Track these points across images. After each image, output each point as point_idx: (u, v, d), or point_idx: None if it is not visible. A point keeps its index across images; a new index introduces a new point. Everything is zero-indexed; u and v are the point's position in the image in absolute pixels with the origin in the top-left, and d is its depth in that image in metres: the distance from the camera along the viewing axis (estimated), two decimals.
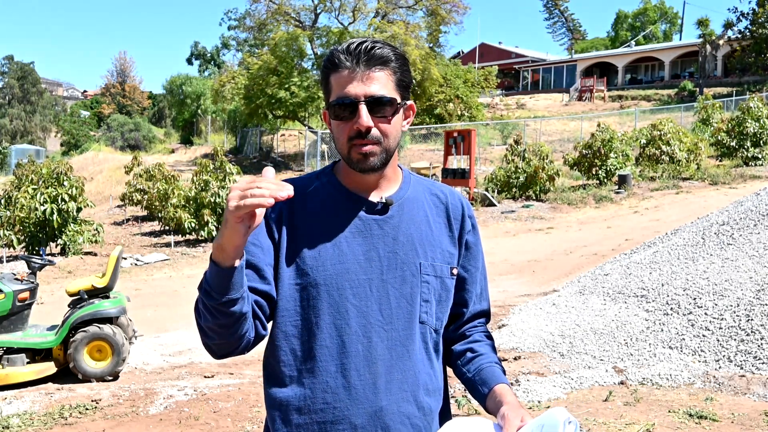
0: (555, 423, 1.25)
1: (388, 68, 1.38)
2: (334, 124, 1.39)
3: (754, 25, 37.69)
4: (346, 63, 1.36)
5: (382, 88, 1.36)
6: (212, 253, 1.24)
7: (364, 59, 1.36)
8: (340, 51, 1.38)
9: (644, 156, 20.28)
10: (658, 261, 7.66)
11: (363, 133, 1.35)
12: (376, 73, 1.37)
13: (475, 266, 1.55)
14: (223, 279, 1.23)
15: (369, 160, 1.37)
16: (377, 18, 29.91)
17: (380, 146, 1.38)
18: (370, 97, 1.35)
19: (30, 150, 34.81)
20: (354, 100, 1.35)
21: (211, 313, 1.27)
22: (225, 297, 1.24)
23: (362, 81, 1.35)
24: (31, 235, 13.50)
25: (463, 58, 49.02)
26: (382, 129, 1.37)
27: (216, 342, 1.34)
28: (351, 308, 1.38)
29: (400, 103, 1.41)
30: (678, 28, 63.22)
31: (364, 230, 1.41)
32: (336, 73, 1.38)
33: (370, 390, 1.37)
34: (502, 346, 6.31)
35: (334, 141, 1.42)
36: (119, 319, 5.93)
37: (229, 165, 15.46)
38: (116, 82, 69.89)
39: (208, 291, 1.25)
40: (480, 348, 1.54)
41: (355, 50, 1.36)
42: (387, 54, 1.38)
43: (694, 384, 4.96)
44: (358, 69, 1.36)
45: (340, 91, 1.37)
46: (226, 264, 1.22)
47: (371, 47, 1.36)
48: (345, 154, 1.40)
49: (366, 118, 1.35)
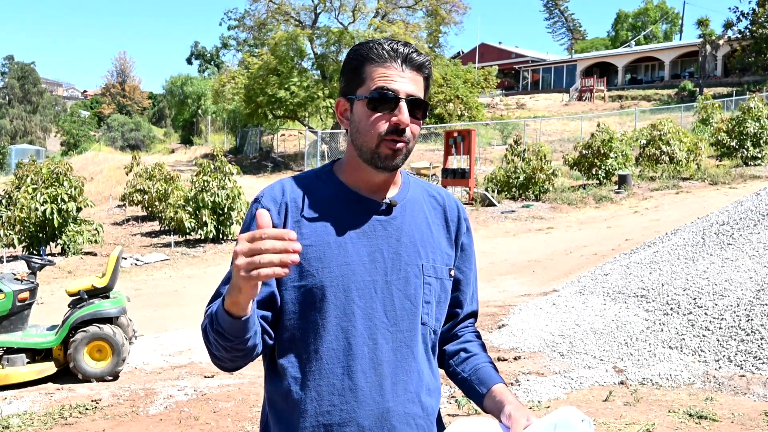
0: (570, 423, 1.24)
1: (423, 75, 1.41)
2: (365, 114, 1.38)
3: (754, 25, 37.69)
4: (392, 57, 1.37)
5: (419, 90, 1.39)
6: (225, 305, 1.22)
7: (408, 60, 1.38)
8: (382, 45, 1.38)
9: (644, 156, 20.28)
10: (658, 261, 7.66)
11: (400, 129, 1.36)
12: (416, 76, 1.39)
13: (469, 267, 1.56)
14: (239, 326, 1.24)
15: (397, 157, 1.38)
16: (377, 18, 29.90)
17: (408, 146, 1.39)
18: (412, 96, 1.37)
19: (30, 150, 34.81)
20: (398, 95, 1.36)
21: (225, 348, 1.29)
22: (240, 339, 1.26)
23: (407, 80, 1.37)
24: (31, 235, 13.49)
25: (463, 58, 49.00)
26: (413, 130, 1.39)
27: (227, 364, 1.37)
28: (357, 310, 1.37)
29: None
30: (678, 28, 63.23)
31: (369, 231, 1.41)
32: (376, 65, 1.37)
33: (377, 391, 1.37)
34: (502, 346, 6.31)
35: (356, 132, 1.40)
36: (119, 319, 5.93)
37: (229, 165, 15.45)
38: (116, 82, 69.91)
39: (222, 333, 1.26)
40: (473, 348, 1.55)
41: (402, 50, 1.38)
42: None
43: (694, 384, 4.96)
44: (404, 67, 1.38)
45: (382, 83, 1.36)
46: (241, 314, 1.22)
47: (413, 51, 1.39)
48: (372, 148, 1.38)
49: (407, 114, 1.36)
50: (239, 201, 15.00)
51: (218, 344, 1.29)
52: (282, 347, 1.41)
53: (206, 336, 1.32)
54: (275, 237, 1.11)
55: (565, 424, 1.25)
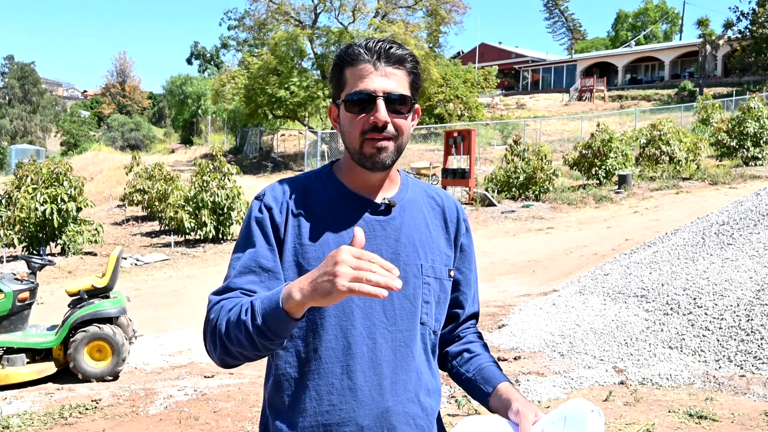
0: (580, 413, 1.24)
1: (405, 68, 1.40)
2: (347, 117, 1.39)
3: (754, 24, 37.69)
4: (365, 57, 1.37)
5: (399, 86, 1.37)
6: (287, 304, 1.17)
7: (384, 57, 1.37)
8: (359, 46, 1.38)
9: (644, 156, 20.28)
10: (658, 261, 7.66)
11: (379, 127, 1.35)
12: (395, 71, 1.38)
13: (469, 268, 1.56)
14: (288, 327, 1.20)
15: (382, 154, 1.37)
16: (377, 18, 29.90)
17: (394, 142, 1.38)
18: (389, 93, 1.36)
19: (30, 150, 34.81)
20: (372, 94, 1.35)
21: (255, 346, 1.24)
22: (281, 339, 1.23)
23: (383, 76, 1.36)
24: (31, 235, 13.50)
25: (463, 58, 49.01)
26: (397, 125, 1.38)
27: (238, 362, 1.33)
28: (356, 309, 1.37)
29: (414, 102, 1.42)
30: (678, 28, 63.23)
31: (368, 231, 1.41)
32: (353, 67, 1.38)
33: (376, 391, 1.37)
34: (502, 346, 6.31)
35: (344, 136, 1.41)
36: (119, 319, 5.93)
37: (228, 165, 15.46)
38: (116, 82, 69.89)
39: (264, 332, 1.20)
40: (476, 348, 1.55)
41: (376, 47, 1.37)
42: (405, 54, 1.39)
43: (694, 384, 4.96)
44: (378, 64, 1.37)
45: (357, 84, 1.37)
46: (298, 316, 1.19)
47: (390, 47, 1.38)
48: (356, 149, 1.38)
49: (384, 112, 1.35)
50: (239, 201, 15.00)
51: (249, 344, 1.24)
52: (282, 347, 1.41)
53: (230, 335, 1.26)
54: (384, 266, 1.11)
55: (576, 415, 1.24)
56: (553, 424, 1.26)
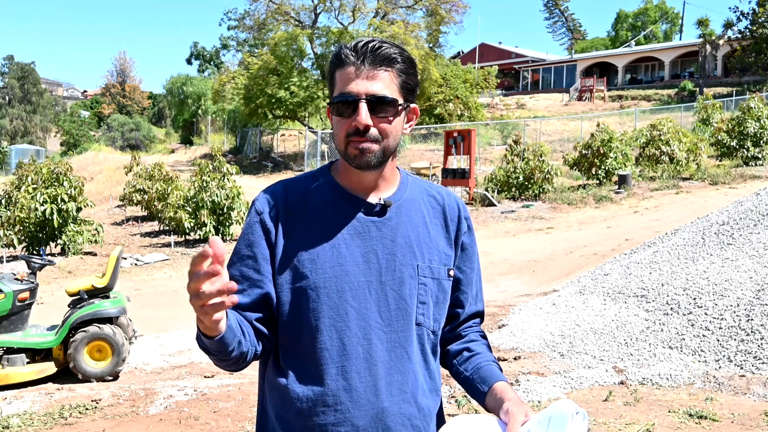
0: (563, 415, 1.24)
1: (394, 69, 1.37)
2: (335, 120, 1.39)
3: (754, 24, 37.68)
4: (351, 59, 1.36)
5: (384, 88, 1.35)
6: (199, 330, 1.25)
7: (370, 58, 1.35)
8: (347, 48, 1.37)
9: (644, 156, 20.27)
10: (658, 261, 7.66)
11: (361, 131, 1.35)
12: (380, 73, 1.36)
13: (470, 267, 1.55)
14: (218, 343, 1.26)
15: (365, 156, 1.36)
16: (377, 18, 29.91)
17: (378, 145, 1.36)
18: (371, 95, 1.34)
19: (30, 150, 34.84)
20: (355, 97, 1.34)
21: (216, 360, 1.35)
22: (223, 353, 1.30)
23: (366, 79, 1.35)
24: (31, 235, 13.49)
25: (463, 58, 49.03)
26: (382, 129, 1.36)
27: (231, 368, 1.40)
28: (351, 310, 1.37)
29: (402, 104, 1.39)
30: (678, 28, 63.24)
31: (363, 232, 1.40)
32: (341, 70, 1.37)
33: (371, 392, 1.36)
34: (502, 346, 6.31)
35: (333, 137, 1.43)
36: (119, 319, 5.93)
37: (227, 165, 15.46)
38: (116, 82, 69.90)
39: (207, 349, 1.30)
40: (476, 347, 1.54)
41: (362, 48, 1.36)
42: (393, 54, 1.37)
43: (694, 384, 4.96)
44: (363, 67, 1.35)
45: (343, 87, 1.36)
46: (215, 334, 1.24)
47: (378, 46, 1.36)
48: (342, 150, 1.39)
49: (365, 116, 1.34)
50: (239, 201, 14.99)
51: (210, 356, 1.35)
52: (277, 348, 1.42)
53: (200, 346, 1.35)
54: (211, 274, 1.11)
55: (559, 416, 1.25)
56: (539, 425, 1.27)
